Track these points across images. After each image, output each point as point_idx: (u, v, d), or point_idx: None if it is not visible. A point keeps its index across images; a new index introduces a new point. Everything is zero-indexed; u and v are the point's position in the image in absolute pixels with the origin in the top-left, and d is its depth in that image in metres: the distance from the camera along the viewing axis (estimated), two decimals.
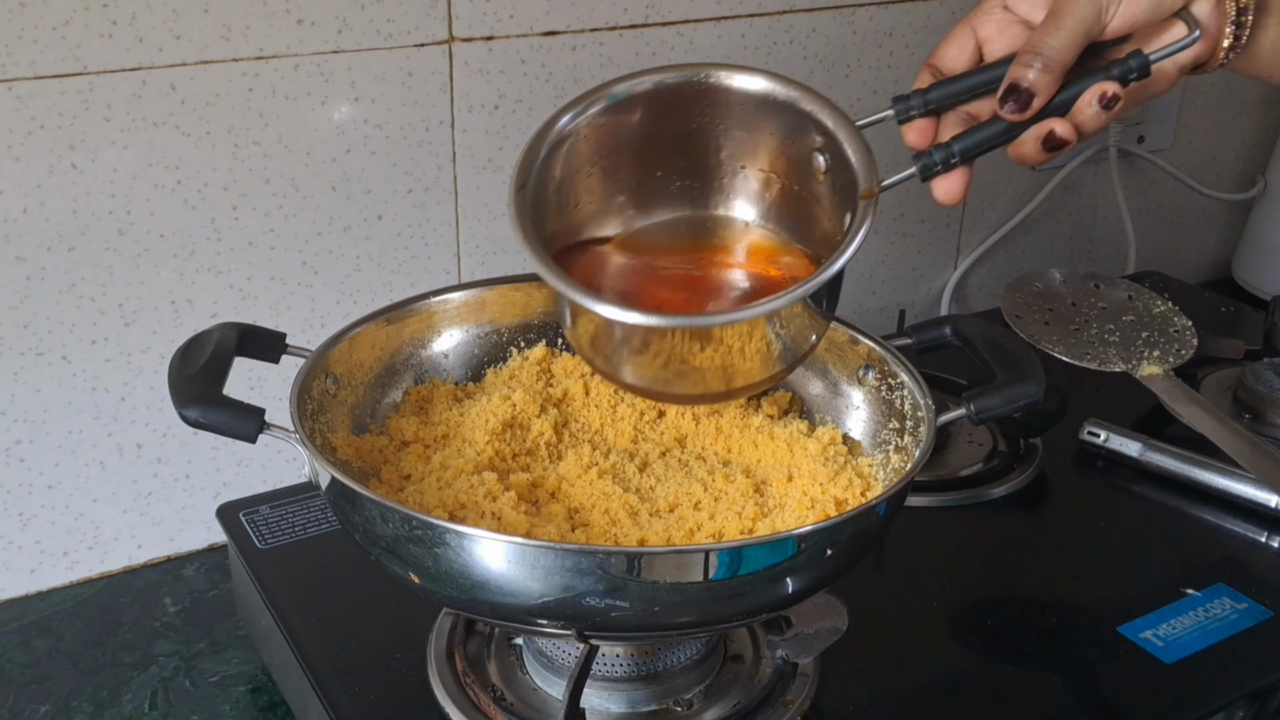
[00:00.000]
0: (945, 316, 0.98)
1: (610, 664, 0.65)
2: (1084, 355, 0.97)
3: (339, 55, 0.83)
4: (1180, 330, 1.01)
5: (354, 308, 0.89)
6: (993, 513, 0.88)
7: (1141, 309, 1.04)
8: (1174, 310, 1.04)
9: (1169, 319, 1.03)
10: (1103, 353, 0.98)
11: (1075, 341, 0.99)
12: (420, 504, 0.63)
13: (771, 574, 0.56)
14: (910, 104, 0.61)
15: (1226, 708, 0.70)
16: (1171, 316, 1.03)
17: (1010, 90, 0.57)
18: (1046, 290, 1.05)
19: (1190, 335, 1.01)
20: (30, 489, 0.83)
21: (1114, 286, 1.07)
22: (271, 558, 0.79)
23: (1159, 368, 0.96)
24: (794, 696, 0.67)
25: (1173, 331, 1.01)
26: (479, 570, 0.55)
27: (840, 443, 0.71)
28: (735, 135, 0.65)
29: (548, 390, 0.75)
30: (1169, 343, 0.99)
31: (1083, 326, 1.01)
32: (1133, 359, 0.97)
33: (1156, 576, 0.80)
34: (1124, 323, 1.02)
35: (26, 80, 0.74)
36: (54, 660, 0.79)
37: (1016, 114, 0.58)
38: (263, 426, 0.59)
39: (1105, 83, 0.58)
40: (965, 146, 0.59)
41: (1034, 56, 0.57)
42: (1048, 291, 1.05)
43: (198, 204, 0.82)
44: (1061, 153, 0.59)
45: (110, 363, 0.83)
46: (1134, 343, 1.00)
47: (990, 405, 0.63)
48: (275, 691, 0.77)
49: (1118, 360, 0.97)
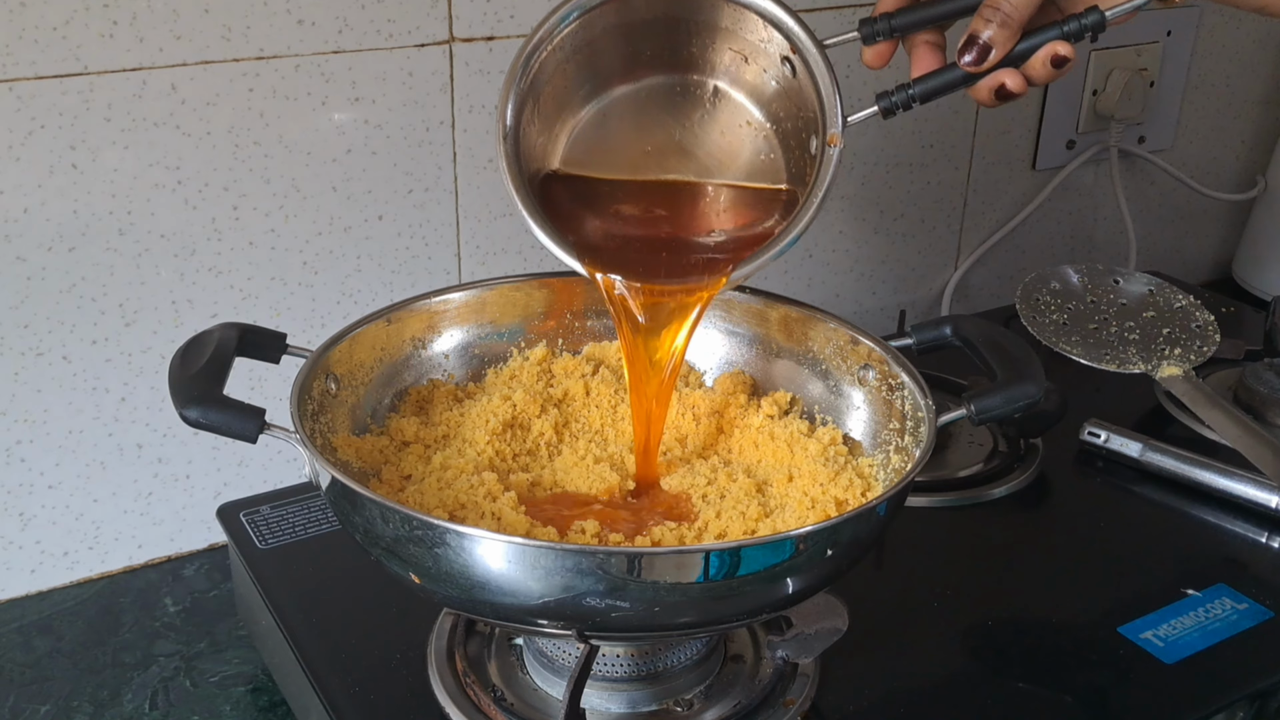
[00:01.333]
0: (945, 316, 0.98)
1: (610, 664, 0.65)
2: (1103, 357, 0.95)
3: (339, 55, 0.83)
4: (1202, 325, 0.99)
5: (354, 308, 0.89)
6: (993, 513, 0.88)
7: (1163, 304, 1.02)
8: (1195, 304, 1.01)
9: (1190, 314, 1.00)
10: (1122, 353, 0.96)
11: (1094, 342, 0.97)
12: (420, 504, 0.63)
13: (772, 574, 0.56)
14: (876, 27, 0.63)
15: (1226, 708, 0.70)
16: (1193, 311, 1.01)
17: (969, 42, 0.60)
18: (1064, 289, 1.03)
19: (1213, 330, 0.98)
20: (30, 489, 0.83)
21: (1134, 280, 1.05)
22: (272, 558, 0.79)
23: (1179, 368, 0.94)
24: (794, 697, 0.67)
25: (1194, 327, 0.99)
26: (479, 570, 0.55)
27: (840, 443, 0.71)
28: (705, 28, 0.67)
29: (548, 390, 0.75)
30: (1190, 339, 0.97)
31: (1102, 325, 1.00)
32: (1153, 358, 0.95)
33: (1156, 577, 0.80)
34: (1144, 319, 1.00)
35: (27, 80, 0.74)
36: (54, 660, 0.79)
37: (974, 66, 0.60)
38: (263, 427, 0.59)
39: (1058, 43, 0.60)
40: (924, 90, 0.63)
41: (994, 11, 0.59)
42: (1065, 290, 1.03)
43: (198, 204, 0.82)
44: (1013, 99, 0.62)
45: (111, 363, 0.83)
46: (1155, 340, 0.98)
47: (990, 405, 0.63)
48: (275, 691, 0.77)
49: (1138, 361, 0.95)
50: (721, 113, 0.68)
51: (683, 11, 0.66)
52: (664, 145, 0.69)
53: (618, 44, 0.67)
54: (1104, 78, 1.22)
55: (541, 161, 0.68)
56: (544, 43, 0.65)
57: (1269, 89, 1.35)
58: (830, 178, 0.64)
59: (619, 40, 0.66)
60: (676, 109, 0.68)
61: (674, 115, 0.68)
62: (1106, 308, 1.02)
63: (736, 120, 0.68)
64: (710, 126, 0.68)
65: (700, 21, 0.66)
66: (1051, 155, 1.23)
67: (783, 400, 0.74)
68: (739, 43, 0.66)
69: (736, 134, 0.68)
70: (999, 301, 1.26)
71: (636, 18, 0.66)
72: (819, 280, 1.13)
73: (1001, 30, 0.59)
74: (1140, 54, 1.23)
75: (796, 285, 1.11)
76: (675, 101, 0.68)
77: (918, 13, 0.63)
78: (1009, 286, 1.27)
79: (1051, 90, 1.19)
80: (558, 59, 0.66)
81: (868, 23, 0.63)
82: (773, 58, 0.65)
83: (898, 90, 0.63)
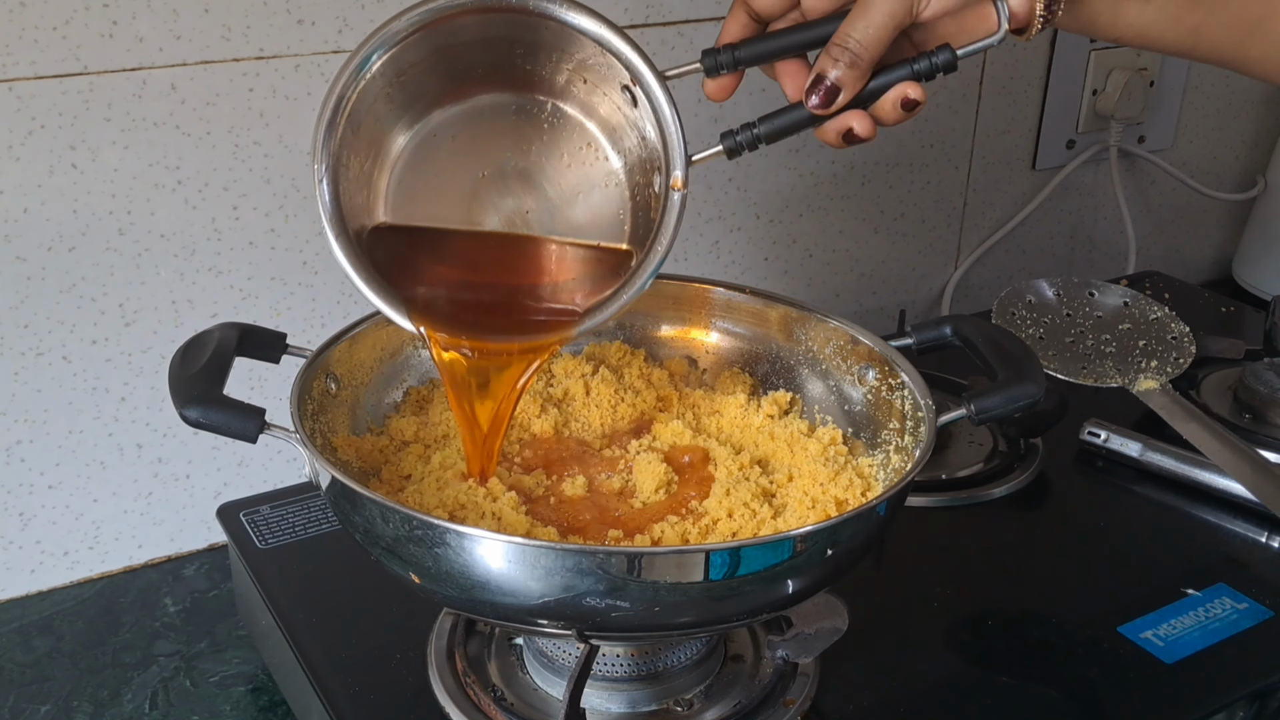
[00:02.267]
0: (945, 316, 0.97)
1: (610, 664, 0.65)
2: (1080, 371, 0.95)
3: (339, 55, 0.83)
4: (1178, 337, 0.99)
5: (354, 308, 0.89)
6: (993, 513, 0.88)
7: (1138, 316, 1.02)
8: (1170, 316, 1.01)
9: (1166, 325, 1.00)
10: (1099, 366, 0.96)
11: (1071, 355, 0.97)
12: (420, 504, 0.63)
13: (772, 574, 0.56)
14: (719, 59, 0.60)
15: (1226, 708, 0.70)
16: (1168, 323, 1.00)
17: (816, 82, 0.57)
18: (1039, 302, 1.02)
19: (1188, 342, 0.98)
20: (30, 489, 0.83)
21: (1109, 293, 1.04)
22: (272, 558, 0.79)
23: (1155, 381, 0.93)
24: (794, 697, 0.67)
25: (1170, 339, 0.99)
26: (479, 570, 0.55)
27: (840, 443, 0.71)
28: (540, 48, 0.62)
29: (548, 390, 0.75)
30: (1166, 351, 0.97)
31: (1078, 338, 0.99)
32: (1130, 371, 0.95)
33: (1156, 576, 0.80)
34: (1120, 331, 1.00)
35: (27, 80, 0.74)
36: (54, 660, 0.79)
37: (821, 109, 0.58)
38: (263, 426, 0.59)
39: (909, 84, 0.58)
40: (770, 130, 0.60)
41: (842, 51, 0.57)
42: (1040, 304, 1.02)
43: (198, 204, 0.82)
44: (861, 144, 0.59)
45: (110, 363, 0.83)
46: (1131, 353, 0.97)
47: (990, 405, 0.63)
48: (275, 691, 0.77)
49: (1114, 374, 0.95)
50: (561, 133, 0.64)
51: (514, 32, 0.61)
52: (501, 169, 0.65)
53: (437, 70, 0.62)
54: (1104, 77, 1.22)
55: (369, 213, 0.64)
56: (349, 86, 0.60)
57: (1269, 89, 1.35)
58: (675, 224, 0.61)
59: (439, 65, 0.62)
60: (512, 130, 0.64)
61: (510, 136, 0.64)
62: (1082, 320, 1.01)
63: (577, 143, 0.64)
64: (550, 148, 0.65)
65: (533, 42, 0.61)
66: (1051, 155, 1.23)
67: (783, 400, 0.74)
68: (576, 65, 0.62)
69: (578, 157, 0.65)
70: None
71: (457, 41, 0.61)
72: (819, 280, 1.13)
73: (851, 71, 0.57)
74: (1140, 53, 1.22)
75: (796, 285, 1.11)
76: (510, 121, 0.64)
77: (764, 43, 0.60)
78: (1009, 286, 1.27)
79: (1051, 90, 1.19)
80: (368, 100, 0.61)
81: (710, 54, 0.60)
82: (613, 84, 0.62)
83: (742, 130, 0.60)
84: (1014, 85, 1.16)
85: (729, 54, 0.60)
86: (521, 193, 0.65)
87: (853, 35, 0.57)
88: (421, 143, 0.64)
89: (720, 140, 0.61)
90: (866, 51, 0.57)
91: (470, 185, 0.65)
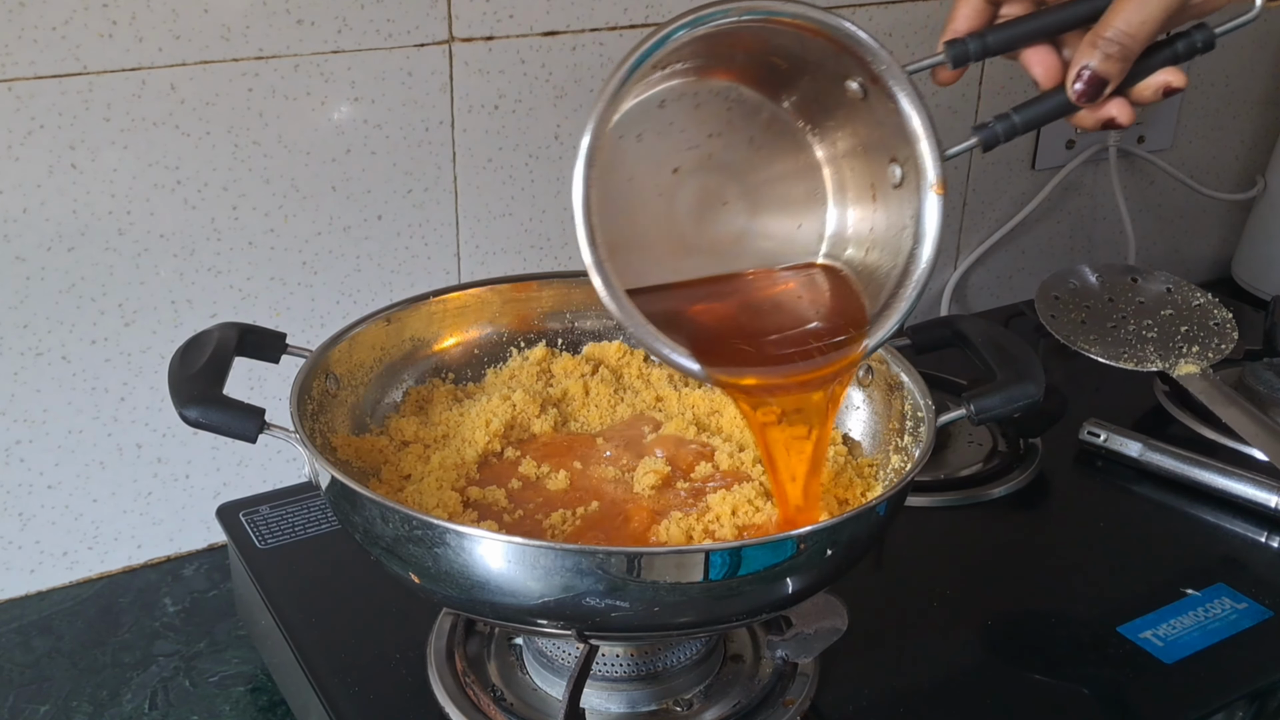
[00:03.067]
0: (945, 316, 0.98)
1: (610, 664, 0.65)
2: (1121, 355, 0.96)
3: (339, 55, 0.83)
4: (1220, 323, 1.00)
5: (354, 308, 0.89)
6: (993, 513, 0.88)
7: (1180, 302, 1.02)
8: (1213, 302, 1.02)
9: (1208, 311, 1.01)
10: (1140, 351, 0.96)
11: (1112, 340, 0.98)
12: (420, 504, 0.63)
13: (771, 574, 0.56)
14: (969, 48, 0.57)
15: (1226, 708, 0.70)
16: (1211, 309, 1.01)
17: (1081, 74, 0.55)
18: (1082, 287, 1.04)
19: (1230, 328, 0.99)
20: (30, 489, 0.83)
21: (1152, 279, 1.05)
22: (271, 558, 0.79)
23: (1196, 366, 0.94)
24: (794, 696, 0.67)
25: (1212, 325, 0.99)
26: (479, 570, 0.55)
27: (840, 443, 0.71)
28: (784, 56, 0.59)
29: (548, 390, 0.75)
30: (1209, 337, 0.98)
31: (1120, 323, 1.00)
32: (1171, 356, 0.95)
33: (1156, 576, 0.80)
34: (1162, 317, 1.01)
35: (26, 80, 0.74)
36: (54, 660, 0.79)
37: (1086, 101, 0.56)
38: (263, 426, 0.59)
39: (1171, 72, 0.56)
40: (1026, 119, 0.58)
41: (1109, 43, 0.55)
42: (1083, 289, 1.03)
43: (198, 204, 0.82)
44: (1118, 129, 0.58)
45: (110, 363, 0.83)
46: (1172, 338, 0.98)
47: (990, 405, 0.63)
48: (275, 691, 0.77)
49: (1155, 359, 0.95)
50: (780, 142, 0.62)
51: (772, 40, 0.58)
52: (707, 155, 0.62)
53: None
54: None
55: None
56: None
57: (1269, 89, 1.35)
58: (937, 228, 0.59)
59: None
60: (723, 118, 0.62)
61: (721, 124, 0.61)
62: (1124, 306, 1.02)
63: (796, 156, 0.62)
64: (757, 137, 0.62)
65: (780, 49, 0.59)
66: (1051, 155, 1.23)
67: None
68: (811, 69, 0.60)
69: (779, 148, 0.63)
70: (999, 301, 1.26)
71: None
72: None
73: (1119, 63, 0.55)
74: None
75: None
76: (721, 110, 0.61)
77: (1014, 29, 0.57)
78: (1009, 286, 1.27)
79: None
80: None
81: (958, 43, 0.57)
82: (840, 83, 0.59)
83: (996, 120, 0.58)
84: (1013, 85, 1.16)
85: (979, 42, 0.57)
86: (722, 180, 0.62)
87: (1120, 26, 0.54)
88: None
89: (973, 133, 0.59)
90: (1135, 42, 0.55)
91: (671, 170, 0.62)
